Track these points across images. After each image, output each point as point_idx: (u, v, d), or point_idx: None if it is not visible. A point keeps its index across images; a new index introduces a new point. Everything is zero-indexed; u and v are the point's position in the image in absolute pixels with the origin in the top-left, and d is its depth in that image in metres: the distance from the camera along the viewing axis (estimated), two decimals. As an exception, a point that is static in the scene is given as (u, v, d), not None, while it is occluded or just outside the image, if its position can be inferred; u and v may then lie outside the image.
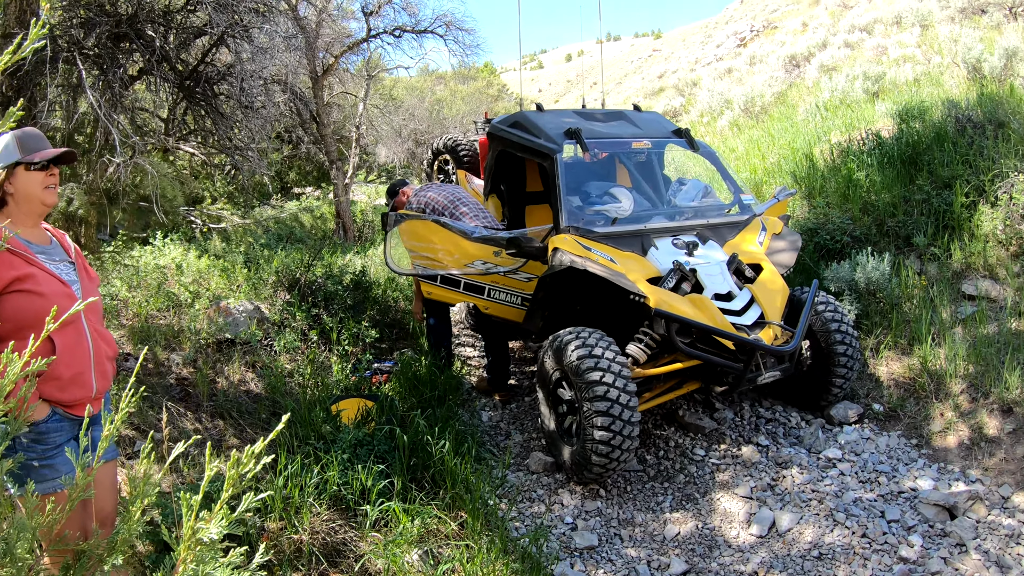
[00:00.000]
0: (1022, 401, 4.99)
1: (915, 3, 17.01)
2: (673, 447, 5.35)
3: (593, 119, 6.25)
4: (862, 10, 20.50)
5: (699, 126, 15.03)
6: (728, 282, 5.03)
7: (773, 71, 17.13)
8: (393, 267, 5.86)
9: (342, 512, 3.73)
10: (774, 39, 22.16)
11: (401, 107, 21.50)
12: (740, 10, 41.50)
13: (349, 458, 3.95)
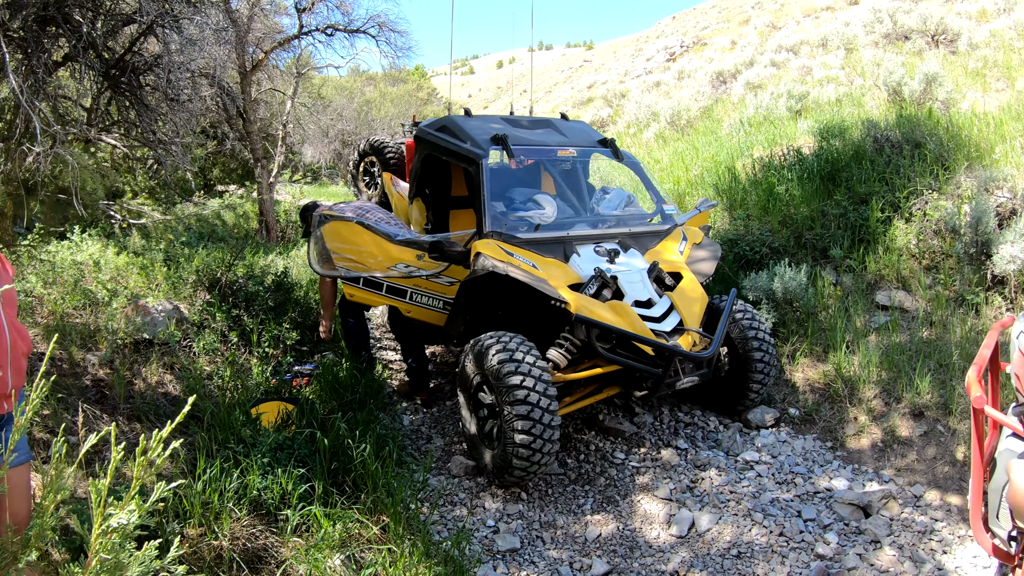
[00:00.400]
0: (932, 405, 5.24)
1: (841, 27, 17.55)
2: (594, 451, 5.42)
3: (520, 126, 6.31)
4: (790, 31, 21.05)
5: (626, 137, 15.24)
6: (648, 289, 5.12)
7: (700, 86, 17.45)
8: (316, 268, 5.80)
9: (262, 517, 3.65)
10: (703, 55, 22.59)
11: (329, 107, 21.24)
12: (672, 25, 42.22)
13: (269, 462, 3.87)
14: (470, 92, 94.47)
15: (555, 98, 35.03)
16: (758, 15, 27.78)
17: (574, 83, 39.27)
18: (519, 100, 35.84)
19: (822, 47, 17.26)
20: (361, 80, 31.43)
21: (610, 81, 28.01)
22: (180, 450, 4.02)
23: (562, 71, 56.98)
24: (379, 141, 8.79)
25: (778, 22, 24.28)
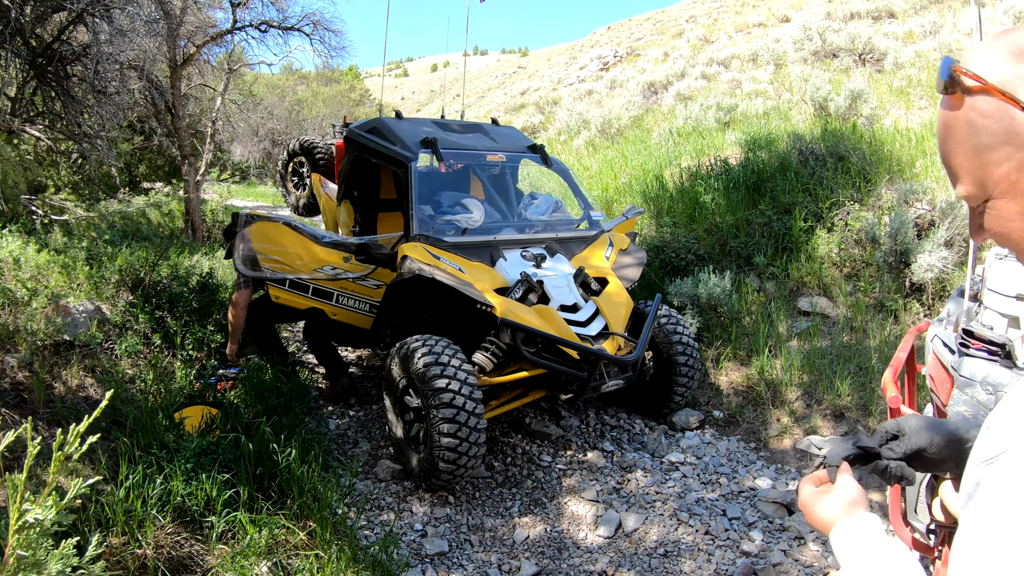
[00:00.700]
0: (852, 407, 5.43)
1: (772, 43, 17.97)
2: (520, 454, 5.44)
3: (450, 130, 6.32)
4: (722, 45, 21.49)
5: (556, 144, 15.37)
6: (574, 294, 5.17)
7: (632, 96, 17.68)
8: (242, 269, 5.70)
9: (187, 524, 3.57)
10: (636, 66, 22.90)
11: (260, 105, 20.95)
12: (606, 36, 42.74)
13: (193, 468, 3.79)
14: (403, 95, 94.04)
15: (488, 103, 35.11)
16: (691, 29, 28.33)
17: (508, 89, 39.46)
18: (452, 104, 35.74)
19: (752, 62, 17.65)
20: (294, 79, 31.08)
21: (543, 88, 28.21)
22: (102, 456, 3.92)
23: (496, 77, 57.13)
24: (309, 141, 8.70)
25: (711, 36, 24.76)
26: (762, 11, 26.81)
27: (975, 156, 0.99)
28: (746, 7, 31.44)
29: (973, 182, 1.01)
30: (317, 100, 29.14)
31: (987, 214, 1.02)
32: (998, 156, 0.96)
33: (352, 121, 7.29)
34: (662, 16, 41.68)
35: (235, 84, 15.77)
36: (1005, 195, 0.98)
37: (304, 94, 29.43)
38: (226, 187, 19.50)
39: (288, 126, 23.04)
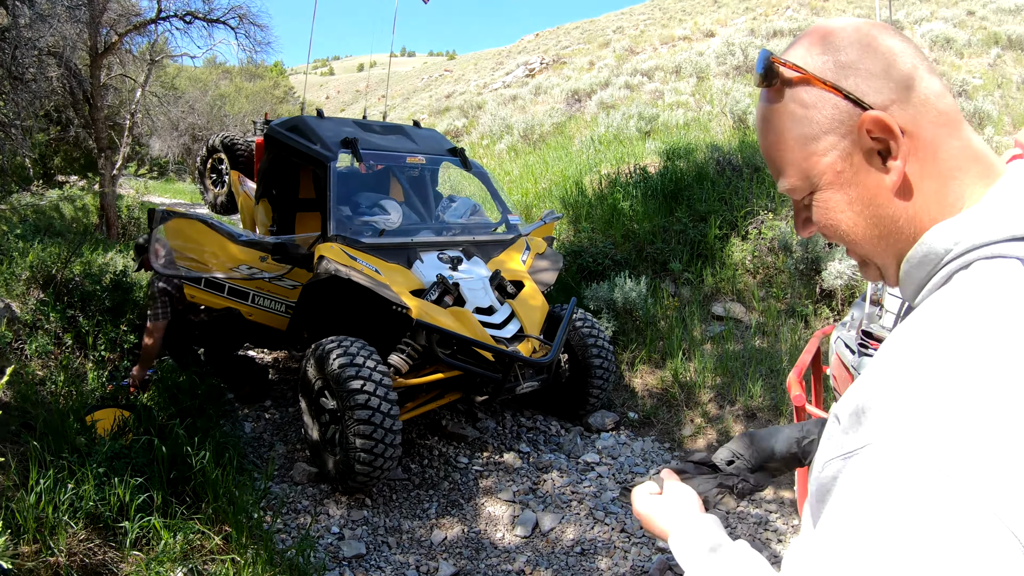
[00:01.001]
0: (764, 407, 5.63)
1: (695, 56, 18.37)
2: (437, 456, 5.46)
3: (371, 131, 6.30)
4: (646, 57, 21.85)
5: (479, 148, 15.42)
6: (490, 297, 5.23)
7: (556, 103, 17.88)
8: (158, 267, 5.55)
9: (100, 531, 3.48)
10: (561, 73, 23.12)
11: (182, 99, 20.41)
12: (534, 42, 43.01)
13: (106, 472, 3.69)
14: (328, 93, 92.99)
15: (413, 105, 35.02)
16: (618, 39, 28.71)
17: (433, 91, 39.40)
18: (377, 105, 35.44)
19: (676, 74, 18.01)
20: (217, 73, 30.47)
21: (468, 92, 28.24)
22: (11, 460, 3.80)
23: (422, 79, 56.96)
24: (229, 137, 8.57)
25: (637, 47, 25.14)
26: (688, 25, 27.38)
27: (799, 147, 0.97)
28: (673, 21, 32.07)
29: (798, 174, 0.99)
30: (240, 96, 28.65)
31: (814, 207, 1.00)
32: (823, 146, 0.95)
33: (274, 118, 7.21)
34: (590, 26, 42.14)
35: (157, 76, 15.31)
36: (831, 186, 0.97)
37: (227, 89, 28.88)
38: (143, 183, 18.94)
39: (209, 121, 22.56)
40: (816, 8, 25.08)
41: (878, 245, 0.97)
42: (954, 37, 18.12)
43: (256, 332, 6.01)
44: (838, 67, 0.92)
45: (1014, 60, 16.61)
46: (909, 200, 0.92)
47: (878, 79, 0.91)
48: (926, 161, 0.90)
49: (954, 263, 0.85)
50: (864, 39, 0.92)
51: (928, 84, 0.91)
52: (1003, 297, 0.77)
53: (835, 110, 0.92)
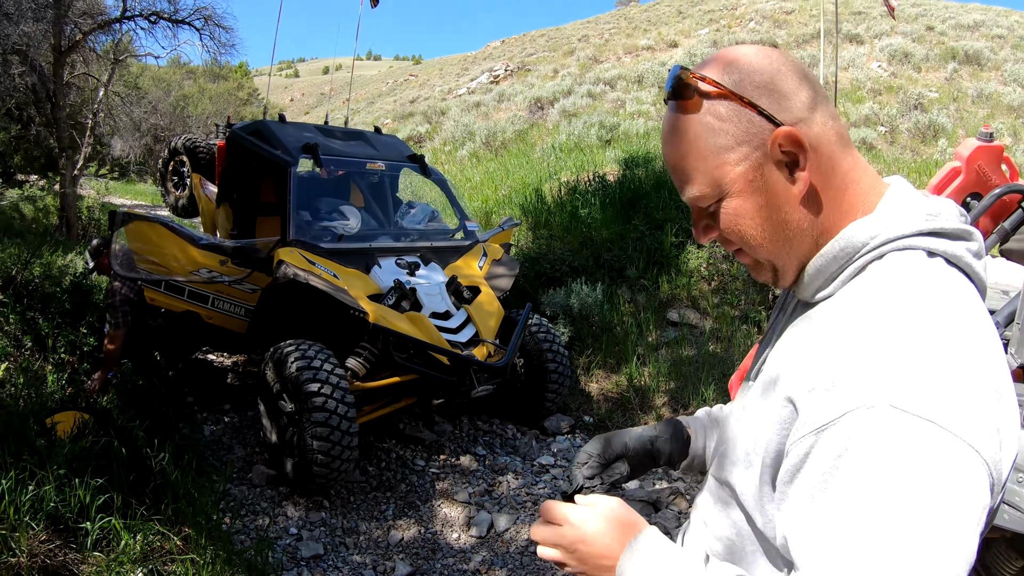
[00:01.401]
0: (718, 412, 5.79)
1: (657, 67, 18.58)
2: (395, 458, 5.54)
3: (333, 136, 6.39)
4: (610, 66, 22.07)
5: (441, 154, 15.52)
6: (446, 302, 5.34)
7: (518, 110, 18.00)
8: (119, 270, 5.55)
9: (61, 532, 3.52)
10: (525, 81, 23.28)
11: (145, 99, 20.21)
12: (500, 49, 43.00)
13: (66, 473, 3.72)
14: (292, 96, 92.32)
15: (377, 110, 34.94)
16: (583, 48, 28.90)
17: (398, 96, 39.28)
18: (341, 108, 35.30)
19: (638, 83, 18.24)
20: (181, 73, 30.22)
21: (433, 98, 28.25)
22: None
23: (387, 83, 56.74)
24: (191, 140, 8.60)
25: (600, 56, 25.37)
26: (652, 35, 27.64)
27: (712, 157, 1.05)
28: (637, 31, 32.31)
29: (708, 183, 1.06)
30: (204, 97, 28.46)
31: (721, 213, 1.08)
32: (736, 156, 1.03)
33: (236, 122, 7.26)
34: (556, 34, 42.22)
35: (120, 75, 15.21)
36: (741, 193, 1.05)
37: (191, 89, 28.67)
38: (104, 183, 18.80)
39: (172, 122, 22.35)
40: (779, 21, 25.47)
41: (782, 248, 1.07)
42: (912, 52, 18.53)
43: (216, 335, 6.04)
44: (753, 86, 1.03)
45: (970, 75, 17.13)
46: (812, 208, 1.05)
47: (787, 100, 1.02)
48: (826, 174, 1.04)
49: (870, 255, 1.00)
50: (774, 64, 1.04)
51: (826, 108, 1.05)
52: (920, 278, 0.95)
53: (750, 124, 1.02)
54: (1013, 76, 16.56)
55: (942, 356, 0.84)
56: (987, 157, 4.08)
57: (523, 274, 7.59)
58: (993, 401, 0.85)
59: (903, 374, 0.83)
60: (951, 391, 0.82)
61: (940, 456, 0.80)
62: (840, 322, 0.96)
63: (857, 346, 0.89)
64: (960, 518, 0.79)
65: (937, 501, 0.79)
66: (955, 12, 26.92)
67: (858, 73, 17.42)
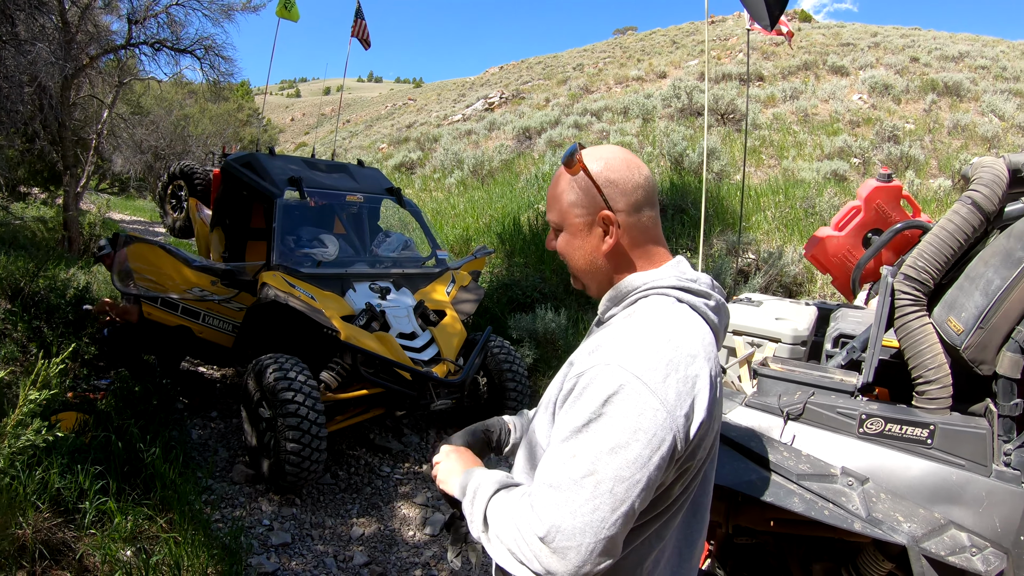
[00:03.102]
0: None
1: (643, 99, 19.01)
2: (363, 465, 6.04)
3: (317, 169, 6.91)
4: (598, 96, 22.48)
5: (430, 181, 15.89)
6: (413, 324, 5.85)
7: (507, 139, 18.38)
8: (119, 286, 6.03)
9: (62, 513, 3.88)
10: (517, 110, 23.76)
11: (147, 119, 20.57)
12: (498, 75, 43.49)
13: (68, 463, 4.08)
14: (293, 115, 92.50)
15: (375, 133, 35.23)
16: (576, 77, 29.36)
17: (396, 120, 39.53)
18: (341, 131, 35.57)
19: (623, 114, 18.60)
20: (183, 93, 30.53)
21: (428, 123, 28.67)
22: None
23: (387, 106, 57.13)
24: (189, 167, 9.08)
25: (592, 86, 25.80)
26: (643, 65, 28.15)
27: (567, 204, 1.62)
28: (631, 60, 32.88)
29: (558, 218, 1.65)
30: (204, 117, 28.63)
31: (560, 238, 1.67)
32: (578, 211, 1.60)
33: (231, 152, 7.75)
34: (553, 61, 42.78)
35: (123, 94, 15.56)
36: (574, 234, 1.63)
37: (192, 109, 28.97)
38: (105, 199, 19.16)
39: (172, 141, 22.60)
40: (767, 53, 25.97)
41: (588, 275, 1.67)
42: (893, 83, 18.88)
43: (205, 348, 6.51)
44: (606, 179, 1.58)
45: (948, 106, 17.49)
46: (612, 260, 1.63)
47: (622, 195, 1.59)
48: (629, 245, 1.63)
49: (640, 293, 1.59)
50: (629, 172, 1.60)
51: (646, 211, 1.63)
52: (662, 309, 1.51)
53: (594, 198, 1.59)
54: (991, 107, 16.90)
55: (656, 347, 1.40)
56: (885, 196, 4.57)
57: (495, 299, 8.05)
58: (682, 381, 1.38)
59: (630, 350, 1.40)
60: (654, 365, 1.37)
61: (636, 396, 1.33)
62: (611, 326, 1.56)
63: (612, 335, 1.48)
64: (639, 436, 1.31)
65: (626, 422, 1.32)
66: (942, 42, 27.35)
67: (838, 105, 17.80)
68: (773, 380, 3.05)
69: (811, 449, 2.68)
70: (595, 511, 1.29)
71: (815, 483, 2.51)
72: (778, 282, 8.32)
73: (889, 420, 2.60)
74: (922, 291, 2.80)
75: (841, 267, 4.77)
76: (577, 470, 1.31)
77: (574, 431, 1.35)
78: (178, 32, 13.04)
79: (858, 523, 2.37)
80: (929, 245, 2.82)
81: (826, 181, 12.27)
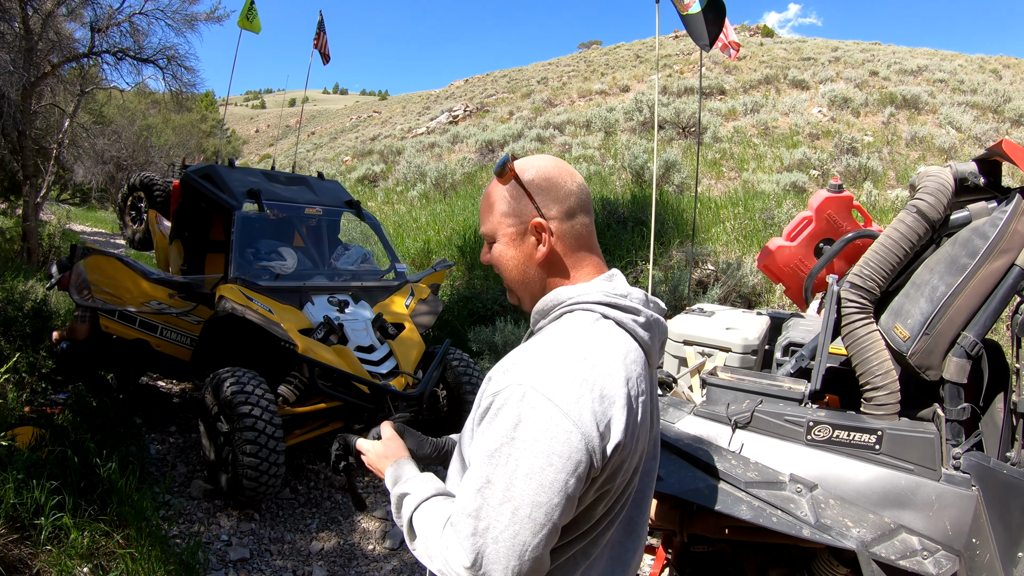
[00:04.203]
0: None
1: (606, 112, 19.14)
2: (323, 479, 6.04)
3: (277, 181, 6.92)
4: (562, 109, 22.61)
5: (393, 194, 15.89)
6: (371, 336, 5.86)
7: (470, 152, 18.44)
8: (76, 299, 5.95)
9: (18, 529, 3.86)
10: (480, 123, 23.82)
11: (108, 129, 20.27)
12: (463, 88, 43.56)
13: (24, 478, 4.05)
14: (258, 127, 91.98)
15: (339, 145, 35.11)
16: (540, 91, 29.49)
17: (360, 132, 39.38)
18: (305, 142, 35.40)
19: (586, 128, 18.75)
20: (146, 103, 30.20)
21: (392, 136, 28.70)
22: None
23: (351, 118, 56.95)
24: (149, 178, 9.03)
25: (555, 99, 25.94)
26: (607, 79, 28.37)
27: (499, 215, 1.61)
28: (595, 74, 33.12)
29: (492, 228, 1.64)
30: (167, 127, 28.34)
31: (494, 248, 1.65)
32: (510, 220, 1.59)
33: (191, 163, 7.73)
34: (518, 74, 42.91)
35: (85, 103, 15.38)
36: (506, 244, 1.62)
37: (155, 119, 28.64)
38: (66, 210, 18.95)
39: (135, 152, 22.31)
40: (729, 67, 26.32)
41: (521, 286, 1.65)
42: (852, 97, 19.20)
43: (163, 362, 6.47)
44: (538, 186, 1.58)
45: (907, 118, 17.80)
46: (545, 269, 1.62)
47: (554, 202, 1.59)
48: (563, 253, 1.63)
49: (564, 308, 1.57)
50: (562, 181, 1.60)
51: (584, 217, 1.65)
52: (582, 325, 1.49)
53: (526, 206, 1.58)
54: (948, 119, 17.19)
55: (569, 366, 1.40)
56: (836, 206, 4.66)
57: (456, 312, 8.08)
58: (597, 400, 1.37)
59: (542, 370, 1.40)
60: (567, 385, 1.37)
61: (548, 419, 1.32)
62: (535, 342, 1.54)
63: (527, 353, 1.48)
64: (553, 460, 1.30)
65: (538, 447, 1.31)
66: (902, 57, 27.88)
67: (798, 118, 18.04)
68: (721, 389, 3.08)
69: (759, 457, 2.71)
70: (516, 536, 1.31)
71: (763, 490, 2.54)
72: (737, 292, 8.43)
73: (837, 427, 2.64)
74: (868, 299, 2.85)
75: (793, 277, 4.86)
76: (493, 497, 1.34)
77: (488, 455, 1.36)
78: (141, 41, 12.96)
79: (807, 529, 2.41)
80: (875, 253, 2.87)
81: (785, 193, 12.44)
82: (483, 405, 1.44)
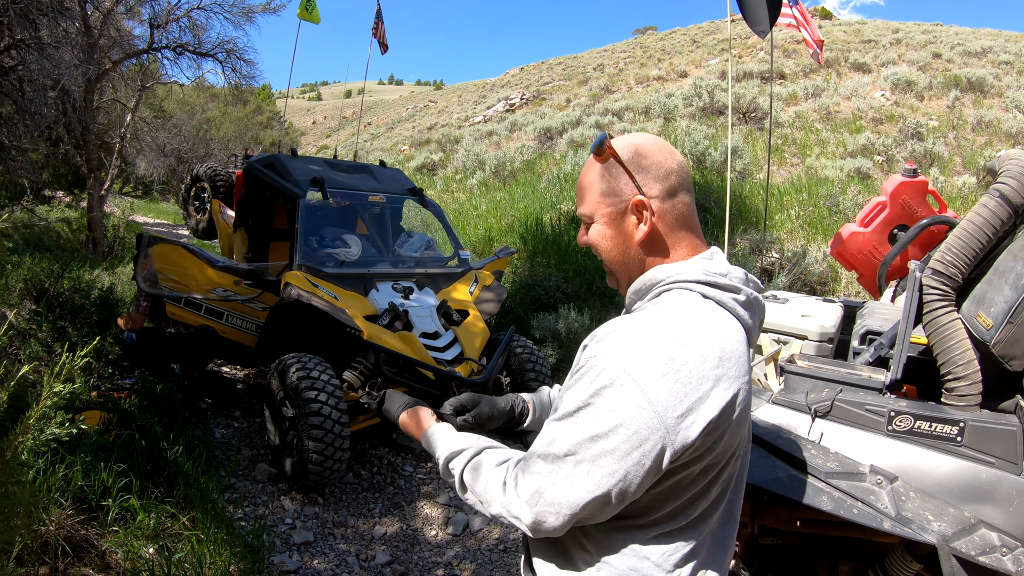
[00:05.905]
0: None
1: (664, 98, 18.93)
2: (386, 464, 6.04)
3: (339, 170, 6.93)
4: (620, 96, 22.45)
5: (452, 182, 15.94)
6: (435, 323, 5.83)
7: (528, 140, 18.38)
8: (143, 286, 6.05)
9: (85, 510, 3.90)
10: (538, 111, 23.75)
11: (169, 122, 20.68)
12: (518, 76, 43.53)
13: (92, 460, 4.10)
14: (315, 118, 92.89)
15: (396, 135, 35.34)
16: (597, 77, 29.34)
17: (417, 122, 39.62)
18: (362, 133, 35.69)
19: (645, 114, 18.57)
20: (204, 96, 30.79)
21: (449, 125, 28.72)
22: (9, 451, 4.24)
23: (407, 108, 57.30)
24: (212, 169, 9.16)
25: (612, 86, 25.78)
26: (664, 65, 28.09)
27: (599, 194, 1.58)
28: (651, 60, 32.81)
29: (591, 208, 1.60)
30: (226, 120, 28.78)
31: (592, 229, 1.61)
32: (610, 200, 1.56)
33: (253, 154, 7.80)
34: (573, 62, 42.77)
35: (146, 98, 15.65)
36: (606, 224, 1.58)
37: (214, 113, 29.14)
38: (129, 202, 19.35)
39: (195, 145, 22.73)
40: (788, 51, 25.84)
41: (620, 267, 1.61)
42: (916, 80, 18.71)
43: (229, 348, 6.56)
44: (636, 164, 1.53)
45: (972, 102, 17.34)
46: (645, 249, 1.58)
47: (655, 181, 1.54)
48: (663, 232, 1.58)
49: (663, 287, 1.52)
50: (662, 159, 1.56)
51: (680, 196, 1.58)
52: (683, 305, 1.45)
53: (626, 185, 1.54)
54: (1015, 103, 16.70)
55: (659, 344, 1.36)
56: (911, 192, 4.50)
57: (518, 299, 8.02)
58: (682, 381, 1.35)
59: (630, 346, 1.37)
60: (651, 363, 1.34)
61: (623, 393, 1.32)
62: (632, 318, 1.48)
63: (624, 326, 1.43)
64: (619, 431, 1.33)
65: (609, 416, 1.33)
66: (965, 38, 27.07)
67: (860, 103, 17.67)
68: (800, 377, 3.03)
69: (839, 447, 2.65)
70: (572, 488, 1.38)
71: (843, 481, 2.48)
72: (802, 281, 8.26)
73: (918, 417, 2.56)
74: (950, 286, 2.73)
75: (867, 264, 4.70)
76: (561, 448, 1.39)
77: (567, 413, 1.41)
78: (199, 36, 13.07)
79: (887, 522, 2.34)
80: (957, 239, 2.74)
81: (849, 179, 12.18)
82: (574, 370, 1.47)
